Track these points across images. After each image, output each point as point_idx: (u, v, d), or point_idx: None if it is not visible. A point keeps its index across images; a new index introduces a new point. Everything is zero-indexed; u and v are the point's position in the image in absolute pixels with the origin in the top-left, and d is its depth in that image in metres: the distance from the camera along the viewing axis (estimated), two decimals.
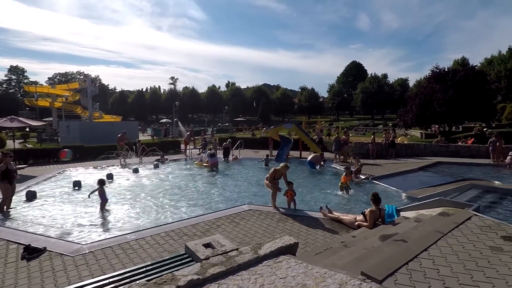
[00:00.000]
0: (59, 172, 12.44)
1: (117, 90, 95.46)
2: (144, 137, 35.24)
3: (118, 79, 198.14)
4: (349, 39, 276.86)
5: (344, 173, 9.18)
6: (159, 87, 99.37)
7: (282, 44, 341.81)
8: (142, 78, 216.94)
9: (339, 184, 9.06)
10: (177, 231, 5.69)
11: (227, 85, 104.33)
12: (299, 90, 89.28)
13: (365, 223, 5.79)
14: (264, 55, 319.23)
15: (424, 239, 4.29)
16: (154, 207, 7.81)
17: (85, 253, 4.81)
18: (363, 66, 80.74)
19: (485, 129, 21.98)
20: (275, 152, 16.96)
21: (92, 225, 6.49)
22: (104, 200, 7.50)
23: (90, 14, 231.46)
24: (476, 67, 28.00)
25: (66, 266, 4.41)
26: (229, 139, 17.26)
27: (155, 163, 14.29)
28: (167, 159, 15.80)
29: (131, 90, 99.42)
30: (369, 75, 72.38)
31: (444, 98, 21.68)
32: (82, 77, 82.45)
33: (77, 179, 10.20)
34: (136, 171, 12.77)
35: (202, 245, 3.98)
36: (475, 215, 5.37)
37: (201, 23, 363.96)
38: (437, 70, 24.85)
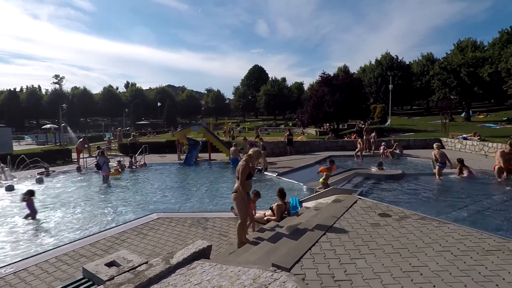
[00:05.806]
0: None
1: None
2: (21, 146, 29.47)
3: None
4: (250, 43, 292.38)
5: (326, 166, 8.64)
6: (39, 86, 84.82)
7: (186, 45, 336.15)
8: (15, 75, 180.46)
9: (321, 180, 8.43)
10: (72, 254, 4.91)
11: (127, 86, 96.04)
12: (205, 92, 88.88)
13: (273, 217, 6.18)
14: (167, 55, 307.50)
15: (323, 225, 4.86)
16: (37, 230, 6.55)
17: None
18: (265, 70, 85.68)
19: (362, 125, 26.38)
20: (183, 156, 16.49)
21: None
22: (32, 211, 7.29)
23: None
24: (354, 74, 33.24)
25: None
26: (133, 133, 15.61)
27: (38, 177, 11.99)
28: (53, 171, 13.49)
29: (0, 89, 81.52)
30: (270, 79, 77.48)
31: (332, 100, 25.04)
32: None
33: None
34: (10, 189, 10.46)
35: (105, 264, 3.54)
36: (360, 198, 6.40)
37: (90, 15, 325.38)
38: (325, 76, 28.46)
